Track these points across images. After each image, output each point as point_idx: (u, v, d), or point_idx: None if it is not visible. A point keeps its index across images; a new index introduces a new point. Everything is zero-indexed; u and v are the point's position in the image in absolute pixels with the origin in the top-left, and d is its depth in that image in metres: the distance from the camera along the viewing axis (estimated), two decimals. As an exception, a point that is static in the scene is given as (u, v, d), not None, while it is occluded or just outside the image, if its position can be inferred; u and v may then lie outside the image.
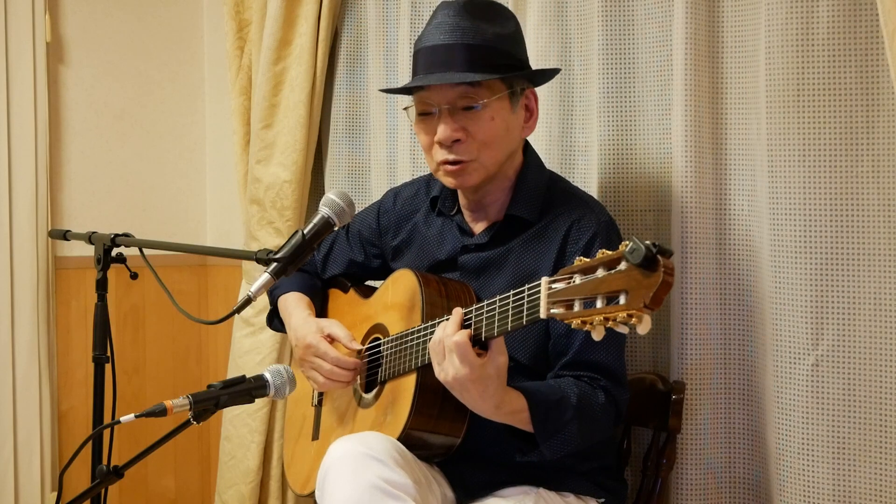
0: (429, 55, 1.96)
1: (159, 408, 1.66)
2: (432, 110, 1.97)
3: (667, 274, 1.37)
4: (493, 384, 1.73)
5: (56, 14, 3.11)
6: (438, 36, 1.95)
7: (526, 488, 1.93)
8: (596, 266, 1.46)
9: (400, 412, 1.88)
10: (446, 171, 1.98)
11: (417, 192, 2.22)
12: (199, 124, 3.43)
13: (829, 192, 1.98)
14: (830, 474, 1.99)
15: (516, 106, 1.99)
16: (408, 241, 2.18)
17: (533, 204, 2.01)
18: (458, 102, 1.94)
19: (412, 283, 1.99)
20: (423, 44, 1.98)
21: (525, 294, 1.63)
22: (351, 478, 1.73)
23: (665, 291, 1.37)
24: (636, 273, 1.39)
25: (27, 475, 2.98)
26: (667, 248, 1.38)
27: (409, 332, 1.92)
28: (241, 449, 2.96)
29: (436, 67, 1.94)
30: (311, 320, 2.14)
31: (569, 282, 1.51)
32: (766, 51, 2.04)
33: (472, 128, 1.94)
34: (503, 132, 1.97)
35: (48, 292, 3.03)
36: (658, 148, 2.26)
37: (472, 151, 1.95)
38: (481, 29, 1.94)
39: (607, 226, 1.99)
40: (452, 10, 1.97)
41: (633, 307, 1.39)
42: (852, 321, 1.98)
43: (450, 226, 2.11)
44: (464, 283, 2.01)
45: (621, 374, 1.95)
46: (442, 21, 1.96)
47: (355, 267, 2.30)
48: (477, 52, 1.92)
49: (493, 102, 1.94)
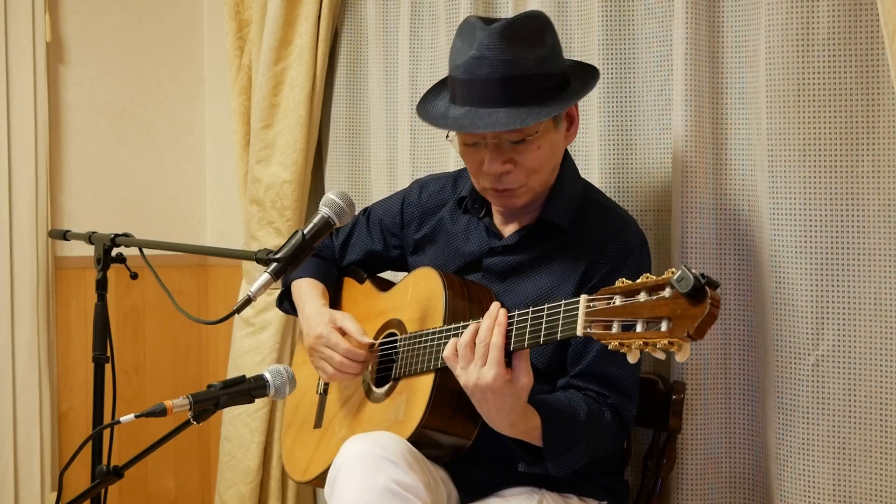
0: (469, 88, 1.87)
1: (159, 408, 1.65)
2: (478, 141, 1.92)
3: (713, 306, 1.37)
4: (511, 401, 1.72)
5: (56, 14, 3.11)
6: (478, 69, 1.85)
7: (529, 489, 1.93)
8: (638, 289, 1.46)
9: (414, 410, 1.87)
10: (494, 194, 1.96)
11: (444, 188, 2.18)
12: (199, 124, 3.43)
13: (829, 192, 1.98)
14: (830, 474, 1.99)
15: (559, 122, 1.94)
16: (431, 236, 2.15)
17: (567, 211, 1.99)
18: (505, 136, 1.88)
19: (436, 282, 1.97)
20: (462, 73, 1.88)
21: (561, 309, 1.62)
22: (362, 479, 1.73)
23: (710, 323, 1.38)
24: (682, 301, 1.39)
25: (27, 475, 2.98)
26: (715, 280, 1.39)
27: (430, 331, 1.90)
28: (241, 449, 2.96)
29: (478, 103, 1.86)
30: (325, 311, 2.12)
31: (609, 302, 1.50)
32: (766, 50, 2.04)
33: (520, 158, 1.90)
34: (549, 156, 1.94)
35: (48, 292, 3.03)
36: (658, 147, 2.26)
37: (521, 179, 1.92)
38: (522, 58, 1.85)
39: (640, 244, 1.98)
40: (492, 38, 1.84)
41: (675, 336, 1.39)
42: (852, 321, 1.98)
43: (476, 225, 2.08)
44: (486, 288, 2.00)
45: (632, 389, 1.93)
46: (481, 55, 1.84)
47: (373, 256, 2.27)
48: (522, 85, 1.85)
49: (541, 132, 1.89)
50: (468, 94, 1.88)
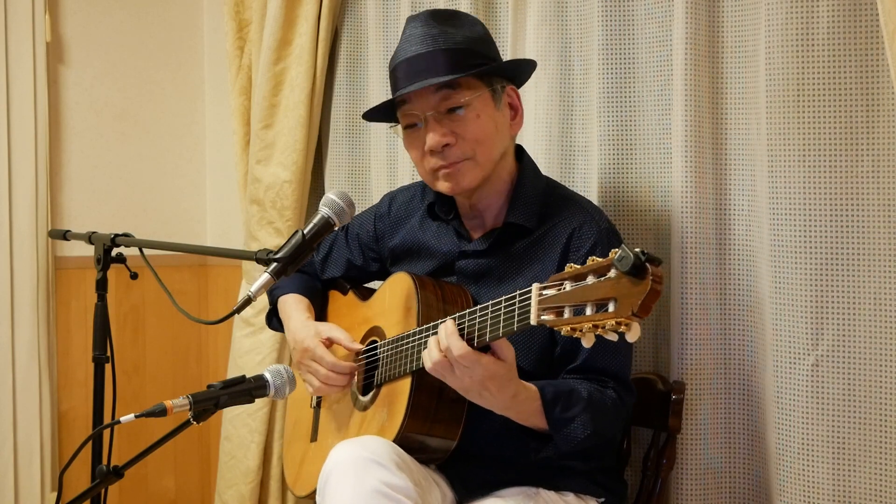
0: (404, 68, 1.97)
1: (159, 408, 1.65)
2: (418, 122, 1.97)
3: (655, 282, 1.37)
4: (507, 376, 1.74)
5: (56, 14, 3.11)
6: (410, 48, 1.96)
7: (525, 488, 1.93)
8: (586, 273, 1.46)
9: (395, 415, 1.88)
10: (442, 175, 1.98)
11: (413, 198, 2.22)
12: (199, 124, 3.43)
13: (829, 192, 1.98)
14: (830, 474, 1.99)
15: (500, 104, 1.99)
16: (403, 245, 2.17)
17: (531, 211, 2.01)
18: (441, 106, 1.94)
19: (408, 286, 1.99)
20: (398, 59, 1.99)
21: (516, 300, 1.63)
22: (353, 482, 1.73)
23: (653, 300, 1.38)
24: (625, 281, 1.39)
25: (27, 475, 2.98)
26: (655, 257, 1.38)
27: (405, 335, 1.92)
28: (241, 449, 2.96)
29: (412, 77, 1.95)
30: (310, 324, 2.14)
31: (559, 288, 1.51)
32: (766, 51, 2.03)
33: (460, 129, 1.94)
34: (492, 129, 1.97)
35: (48, 292, 3.03)
36: (658, 148, 2.26)
37: (466, 151, 1.95)
38: (451, 33, 1.95)
39: (608, 232, 1.99)
40: (419, 21, 1.99)
41: (621, 315, 1.39)
42: (852, 321, 1.98)
43: (446, 230, 2.10)
44: (461, 287, 2.01)
45: (628, 380, 1.95)
46: (411, 34, 1.98)
47: (354, 269, 2.29)
48: (451, 55, 1.93)
49: (476, 101, 1.94)
50: (404, 75, 1.96)
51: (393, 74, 2.01)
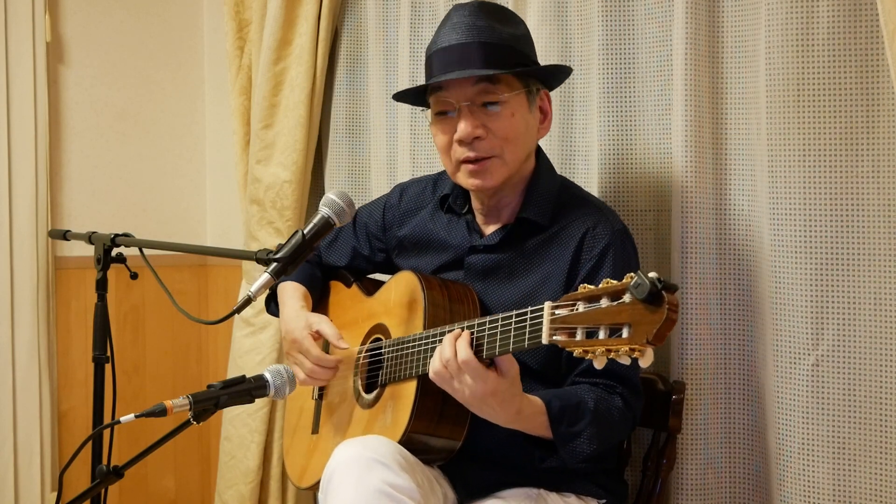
0: (445, 55, 1.95)
1: (159, 408, 1.66)
2: (451, 110, 1.96)
3: (671, 311, 1.36)
4: (509, 392, 1.73)
5: (56, 14, 3.11)
6: (454, 35, 1.94)
7: (527, 489, 1.93)
8: (600, 295, 1.45)
9: (400, 416, 1.88)
10: (468, 170, 1.97)
11: (424, 190, 2.21)
12: (199, 124, 3.43)
13: (829, 192, 1.98)
14: (830, 474, 1.99)
15: (532, 106, 1.99)
16: (412, 236, 2.16)
17: (545, 208, 2.00)
18: (477, 99, 1.93)
19: (414, 285, 1.98)
20: (439, 45, 1.97)
21: (528, 317, 1.62)
22: (356, 482, 1.73)
23: (669, 328, 1.36)
24: (640, 307, 1.38)
25: (27, 475, 2.98)
26: (672, 283, 1.37)
27: (411, 337, 1.91)
28: (241, 449, 2.96)
29: (453, 66, 1.93)
30: (302, 314, 2.13)
31: (572, 309, 1.49)
32: (766, 51, 2.03)
33: (493, 125, 1.93)
34: (523, 129, 1.96)
35: (48, 292, 3.03)
36: (658, 148, 2.26)
37: (495, 148, 1.94)
38: (496, 28, 1.94)
39: (621, 234, 1.99)
40: (466, 10, 1.96)
41: (635, 342, 1.38)
42: (852, 321, 1.98)
43: (457, 223, 2.10)
44: (467, 286, 2.00)
45: (637, 383, 1.95)
46: (458, 21, 1.95)
47: (359, 258, 2.28)
48: (494, 50, 1.92)
49: (512, 99, 1.94)
50: (443, 62, 1.94)
51: (430, 60, 1.99)
